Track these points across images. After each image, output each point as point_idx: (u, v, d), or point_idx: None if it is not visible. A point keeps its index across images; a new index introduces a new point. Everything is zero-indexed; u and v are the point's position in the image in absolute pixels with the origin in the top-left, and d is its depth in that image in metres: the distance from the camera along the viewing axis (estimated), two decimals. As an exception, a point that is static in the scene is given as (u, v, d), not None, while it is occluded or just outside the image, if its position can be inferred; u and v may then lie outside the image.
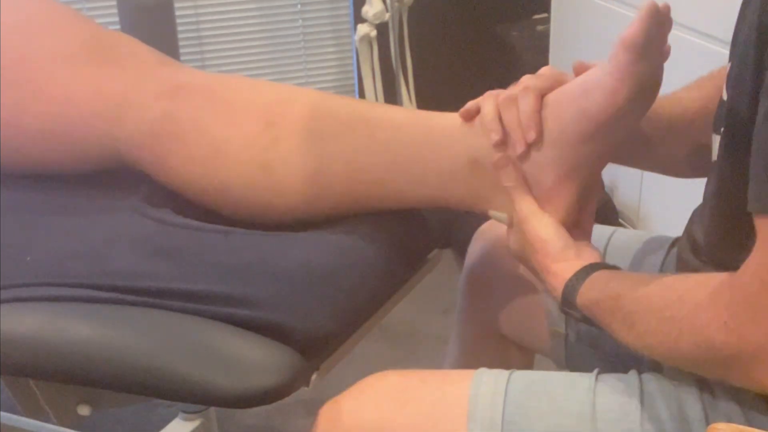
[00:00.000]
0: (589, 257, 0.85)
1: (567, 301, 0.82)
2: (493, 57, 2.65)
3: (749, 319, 0.65)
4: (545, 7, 2.42)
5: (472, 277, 1.15)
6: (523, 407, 0.79)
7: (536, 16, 2.57)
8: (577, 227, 0.89)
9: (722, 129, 0.78)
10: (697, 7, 1.67)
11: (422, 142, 0.92)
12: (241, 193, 1.00)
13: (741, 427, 0.65)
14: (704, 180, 0.86)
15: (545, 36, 2.43)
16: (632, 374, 0.81)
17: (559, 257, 0.84)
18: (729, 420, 0.73)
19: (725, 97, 0.79)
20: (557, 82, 0.87)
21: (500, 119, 0.88)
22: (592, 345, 0.99)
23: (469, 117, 0.91)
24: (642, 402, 0.77)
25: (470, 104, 0.92)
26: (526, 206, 0.87)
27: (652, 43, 0.79)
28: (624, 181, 2.10)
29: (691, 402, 0.76)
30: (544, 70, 0.89)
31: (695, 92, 0.97)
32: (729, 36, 0.83)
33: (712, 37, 1.62)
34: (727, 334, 0.67)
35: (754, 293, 0.65)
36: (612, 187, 2.17)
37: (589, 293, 0.80)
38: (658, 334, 0.73)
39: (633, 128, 0.87)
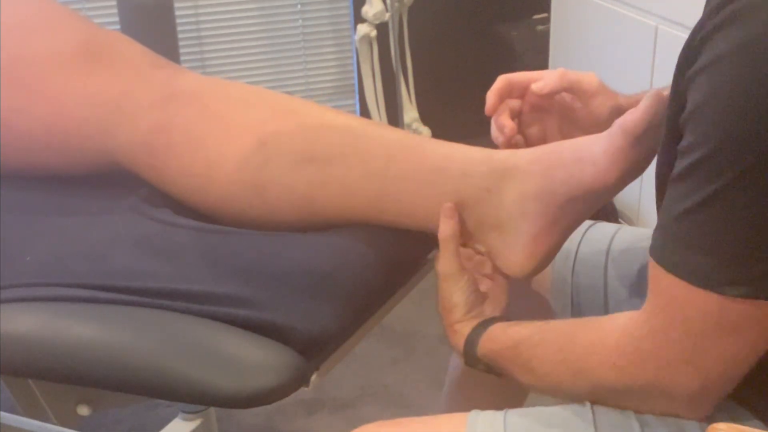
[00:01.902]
0: (489, 313, 0.91)
1: (469, 355, 0.87)
2: (493, 57, 2.65)
3: (636, 361, 0.71)
4: (545, 7, 2.42)
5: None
6: None
7: (536, 16, 2.57)
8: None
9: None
10: (697, 6, 1.67)
11: (413, 177, 0.94)
12: (236, 209, 1.01)
13: (741, 427, 0.65)
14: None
15: (545, 36, 2.43)
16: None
17: (462, 318, 0.90)
18: None
19: None
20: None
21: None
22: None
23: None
24: None
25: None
26: (449, 265, 0.90)
27: (652, 128, 0.80)
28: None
29: (693, 429, 0.75)
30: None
31: None
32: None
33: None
34: (616, 373, 0.73)
35: (641, 338, 0.71)
36: (612, 187, 2.17)
37: (488, 344, 0.86)
38: (555, 376, 0.79)
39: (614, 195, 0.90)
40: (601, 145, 0.82)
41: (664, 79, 0.85)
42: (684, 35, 0.73)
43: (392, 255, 0.98)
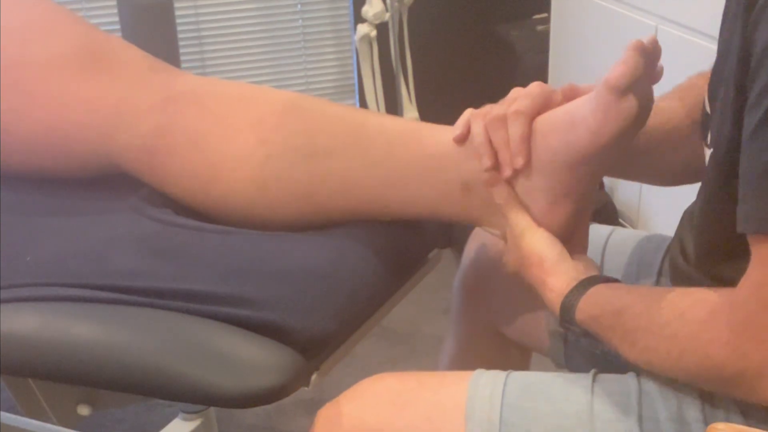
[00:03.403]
0: (585, 270, 0.85)
1: (565, 316, 0.82)
2: (493, 57, 2.65)
3: (751, 338, 0.66)
4: (545, 7, 2.42)
5: (470, 276, 1.16)
6: (520, 408, 0.79)
7: (536, 16, 2.57)
8: (571, 242, 0.88)
9: (710, 145, 0.77)
10: (697, 6, 1.67)
11: (415, 164, 0.93)
12: (238, 208, 1.01)
13: (740, 427, 0.65)
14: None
15: (545, 36, 2.43)
16: (630, 375, 0.81)
17: (555, 270, 0.84)
18: (727, 420, 0.73)
19: (708, 110, 0.78)
20: (547, 102, 0.86)
21: (490, 141, 0.87)
22: (592, 344, 0.99)
23: (462, 139, 0.90)
24: (640, 403, 0.77)
25: (460, 126, 0.90)
26: (521, 221, 0.87)
27: (638, 79, 0.78)
28: (624, 181, 2.10)
29: (690, 402, 0.76)
30: (533, 87, 0.87)
31: (676, 102, 0.96)
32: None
33: (711, 36, 1.63)
34: (729, 352, 0.67)
35: (753, 312, 0.65)
36: (612, 187, 2.17)
37: (588, 309, 0.80)
38: (659, 352, 0.73)
39: (626, 148, 0.86)
40: (590, 106, 0.80)
41: (663, 79, 0.85)
42: (684, 35, 0.72)
43: (392, 255, 0.98)
